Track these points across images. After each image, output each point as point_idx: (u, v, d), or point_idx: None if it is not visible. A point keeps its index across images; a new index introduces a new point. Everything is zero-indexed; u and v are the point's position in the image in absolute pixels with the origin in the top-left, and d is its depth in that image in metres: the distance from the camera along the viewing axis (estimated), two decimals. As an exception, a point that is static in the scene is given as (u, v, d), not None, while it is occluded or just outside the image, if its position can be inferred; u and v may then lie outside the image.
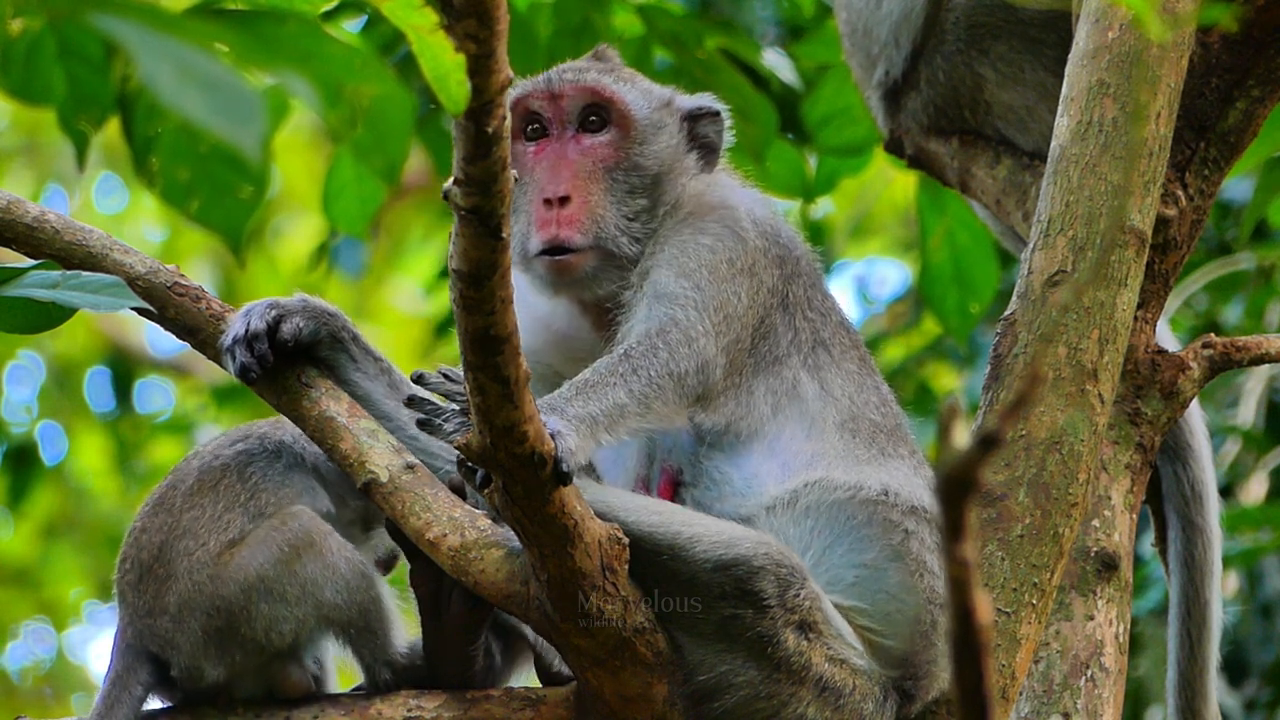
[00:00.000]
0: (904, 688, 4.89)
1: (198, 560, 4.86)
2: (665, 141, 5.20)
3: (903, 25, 6.55)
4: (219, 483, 4.96)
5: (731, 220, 5.12)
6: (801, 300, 5.14)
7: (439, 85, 3.64)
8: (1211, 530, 5.97)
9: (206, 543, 4.89)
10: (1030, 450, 5.16)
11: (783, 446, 5.00)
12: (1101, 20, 5.44)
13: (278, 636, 4.83)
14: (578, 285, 5.09)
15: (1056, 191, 5.33)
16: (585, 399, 4.75)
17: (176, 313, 5.00)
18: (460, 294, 4.41)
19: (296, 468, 4.99)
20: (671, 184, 5.18)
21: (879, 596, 4.90)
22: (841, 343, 5.14)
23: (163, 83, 2.81)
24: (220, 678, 4.84)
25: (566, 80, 5.15)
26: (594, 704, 4.83)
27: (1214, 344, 5.72)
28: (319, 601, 4.85)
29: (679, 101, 5.29)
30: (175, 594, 4.86)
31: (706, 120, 5.28)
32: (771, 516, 4.93)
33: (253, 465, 4.98)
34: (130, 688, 4.84)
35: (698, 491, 4.99)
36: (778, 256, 5.13)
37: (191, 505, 4.95)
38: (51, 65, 4.50)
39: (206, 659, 4.83)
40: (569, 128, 5.15)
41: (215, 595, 4.84)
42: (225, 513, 4.93)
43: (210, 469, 4.97)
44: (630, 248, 5.10)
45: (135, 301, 4.46)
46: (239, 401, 11.84)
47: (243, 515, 4.91)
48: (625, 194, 5.13)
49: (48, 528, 14.05)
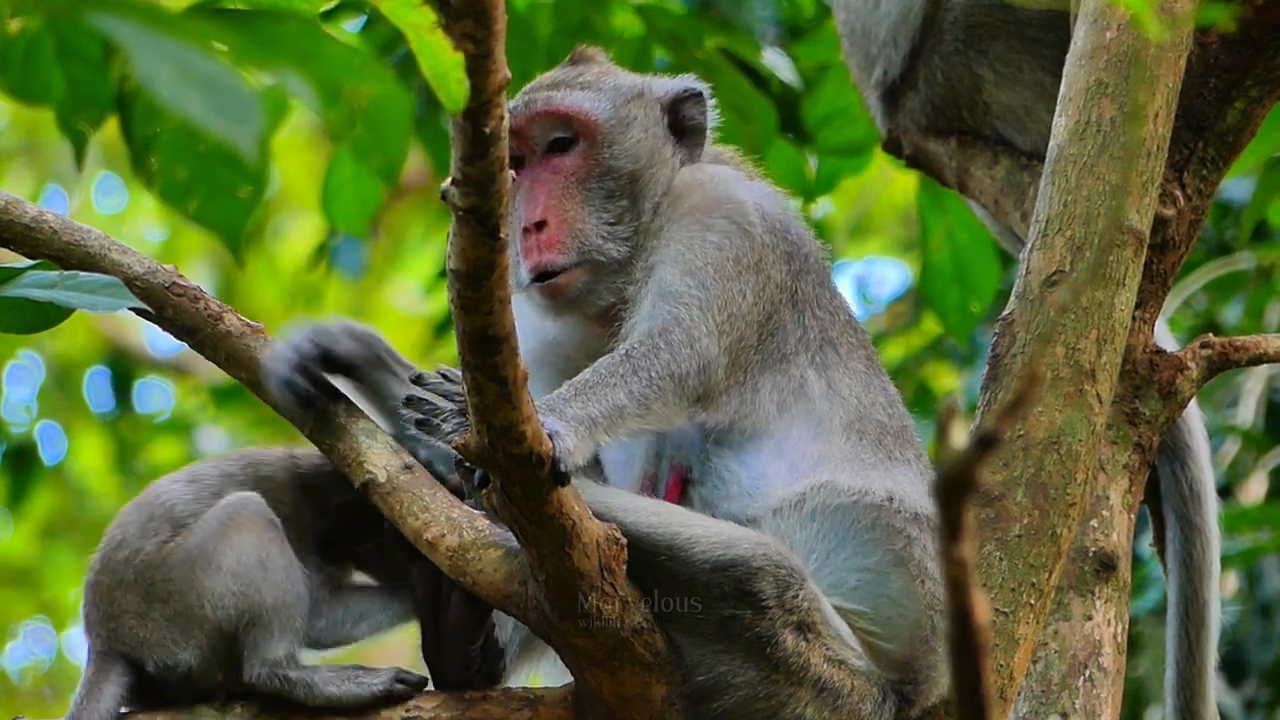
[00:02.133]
0: (903, 692, 4.89)
1: (142, 558, 4.88)
2: (636, 136, 5.18)
3: (901, 25, 6.55)
4: (148, 502, 4.98)
5: (739, 216, 5.09)
6: (810, 297, 5.12)
7: (438, 84, 3.64)
8: (1210, 530, 5.96)
9: (143, 546, 4.90)
10: (1028, 450, 5.16)
11: (790, 447, 4.99)
12: (1100, 20, 5.44)
13: (222, 612, 4.82)
14: (576, 303, 5.09)
15: (1054, 191, 5.33)
16: (584, 400, 4.74)
17: (175, 313, 5.01)
18: (458, 294, 4.41)
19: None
20: (653, 177, 5.16)
21: (880, 601, 4.90)
22: (849, 341, 5.13)
23: (160, 82, 2.81)
24: (193, 661, 4.83)
25: (521, 112, 5.15)
26: (592, 704, 4.83)
27: (1212, 344, 5.72)
28: (248, 578, 4.83)
29: (655, 89, 5.26)
30: (132, 594, 4.87)
31: (689, 103, 5.27)
32: (778, 519, 4.92)
33: (178, 488, 5.00)
34: (103, 685, 4.84)
35: (705, 490, 4.98)
36: (786, 253, 5.11)
37: (120, 524, 4.97)
38: (50, 65, 4.49)
39: (175, 644, 4.84)
40: (538, 152, 5.16)
41: (165, 580, 4.85)
42: (148, 521, 4.93)
43: (146, 495, 5.00)
44: (618, 251, 5.10)
45: (133, 302, 4.46)
46: (238, 402, 11.85)
47: (167, 523, 4.92)
48: (603, 200, 5.13)
49: (47, 528, 14.06)
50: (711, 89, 5.33)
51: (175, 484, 5.00)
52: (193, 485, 4.98)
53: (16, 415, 12.85)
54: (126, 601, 4.88)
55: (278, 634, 4.83)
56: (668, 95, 5.25)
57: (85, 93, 4.52)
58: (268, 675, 4.81)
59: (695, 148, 5.26)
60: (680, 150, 5.24)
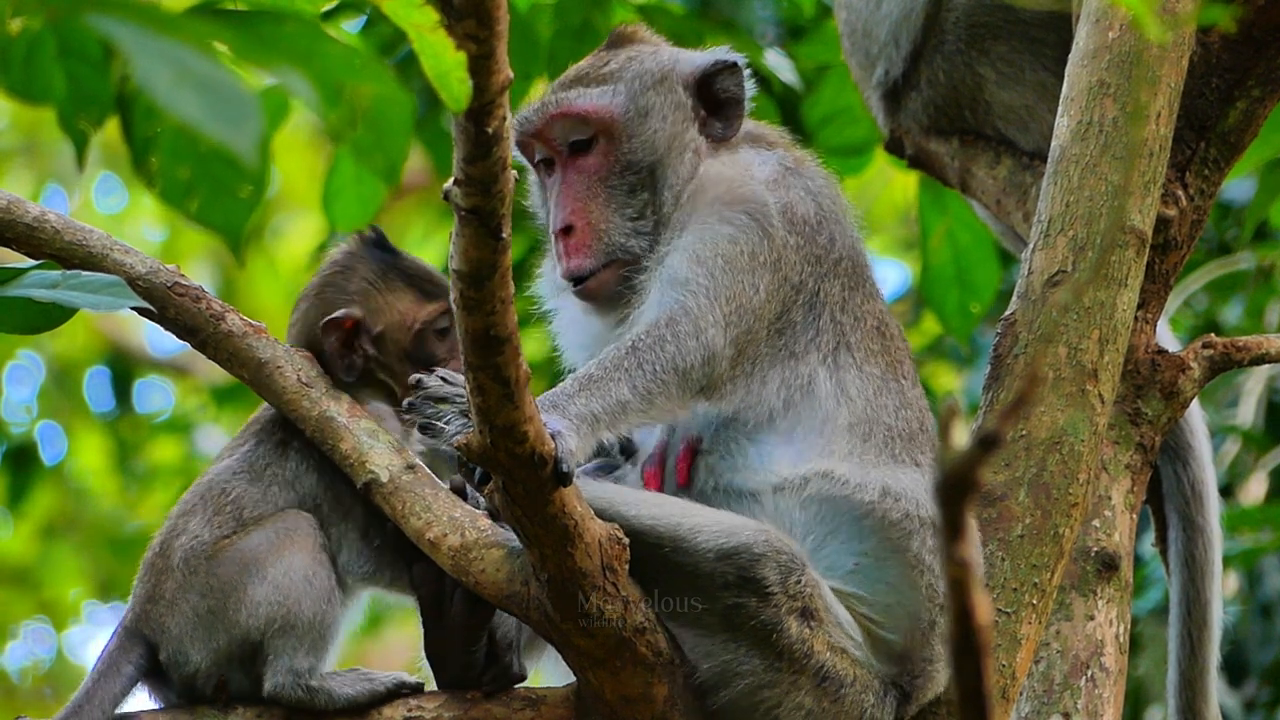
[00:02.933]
0: (901, 685, 4.89)
1: (194, 549, 4.90)
2: (655, 126, 5.17)
3: (902, 25, 6.55)
4: (216, 494, 5.00)
5: (760, 214, 5.06)
6: (835, 300, 5.08)
7: (440, 84, 3.64)
8: (1212, 530, 5.96)
9: (201, 535, 4.92)
10: (1030, 450, 5.16)
11: (799, 439, 4.98)
12: (1102, 20, 5.44)
13: (254, 620, 4.85)
14: (612, 300, 5.11)
15: (1057, 191, 5.33)
16: (588, 395, 4.75)
17: (177, 313, 5.01)
18: (460, 294, 4.42)
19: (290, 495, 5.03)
20: (674, 165, 5.15)
21: (878, 586, 4.90)
22: (869, 348, 5.07)
23: (158, 84, 2.81)
24: (203, 664, 4.86)
25: (539, 116, 5.16)
26: (594, 704, 4.83)
27: (1214, 344, 5.72)
28: (291, 589, 4.87)
29: (681, 68, 5.22)
30: (172, 580, 4.91)
31: (722, 75, 5.22)
32: (778, 496, 4.92)
33: (242, 483, 5.02)
34: (121, 664, 4.88)
35: (714, 459, 4.98)
36: (813, 255, 5.08)
37: (184, 511, 5.00)
38: (51, 65, 4.49)
39: (192, 643, 4.87)
40: (563, 153, 5.17)
41: (210, 575, 4.88)
42: (216, 515, 4.96)
43: (213, 484, 5.02)
44: (642, 247, 5.11)
45: (135, 301, 4.45)
46: (238, 401, 11.84)
47: (234, 520, 4.95)
48: (625, 196, 5.13)
49: (47, 528, 14.04)
50: (747, 60, 5.28)
51: (238, 478, 5.01)
52: (257, 485, 5.00)
53: (17, 415, 12.86)
54: (166, 587, 4.91)
55: (308, 647, 4.87)
56: (695, 72, 5.20)
57: (86, 92, 4.52)
58: (291, 685, 4.84)
59: (734, 119, 5.22)
60: (715, 125, 5.21)
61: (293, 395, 4.99)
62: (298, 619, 4.86)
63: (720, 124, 5.22)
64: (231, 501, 4.98)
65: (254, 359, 5.00)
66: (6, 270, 4.40)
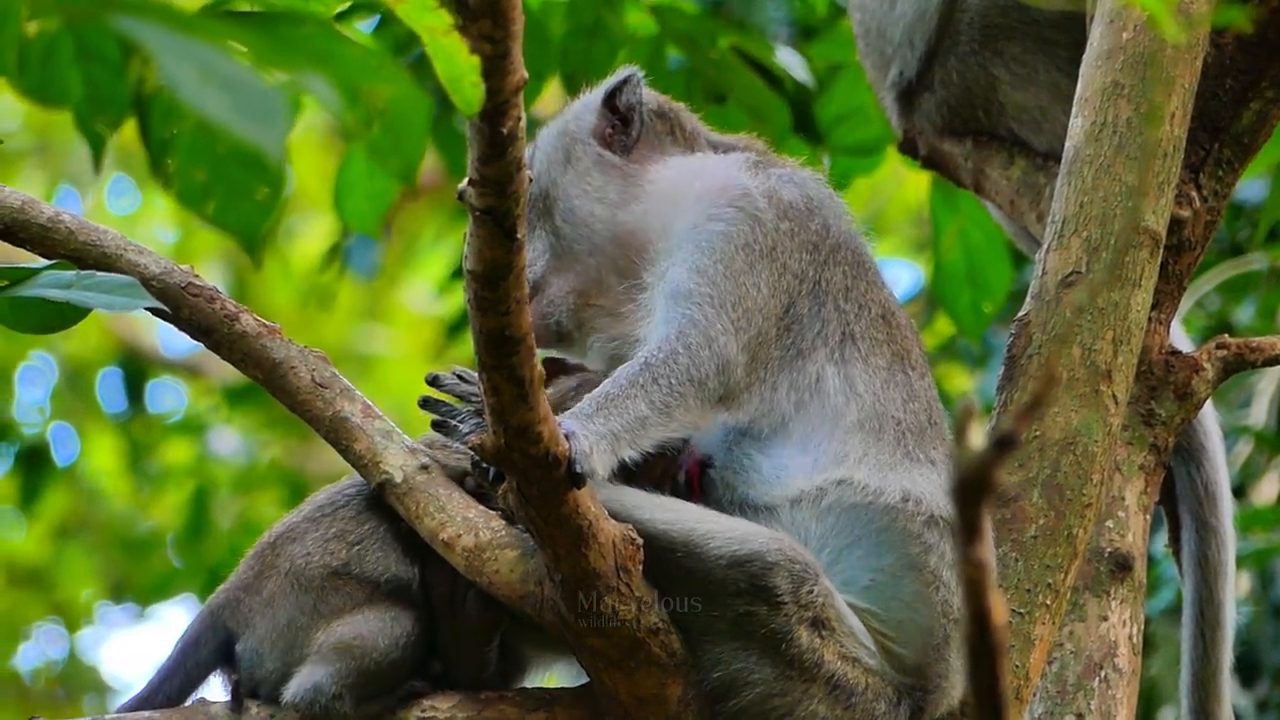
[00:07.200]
0: (913, 699, 4.87)
1: (304, 566, 4.90)
2: (571, 179, 5.25)
3: (917, 26, 6.55)
4: (340, 510, 4.99)
5: (744, 202, 5.05)
6: (837, 288, 5.06)
7: (453, 87, 3.63)
8: (1225, 531, 5.96)
9: (312, 555, 4.92)
10: (1044, 451, 5.16)
11: (813, 444, 4.96)
12: (1116, 21, 5.44)
13: (326, 645, 4.84)
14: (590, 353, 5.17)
15: (1071, 192, 5.33)
16: (606, 414, 4.72)
17: (191, 313, 5.01)
18: (475, 295, 4.42)
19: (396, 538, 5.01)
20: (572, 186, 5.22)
21: (893, 603, 4.88)
22: (874, 336, 5.04)
23: (185, 84, 2.81)
24: (274, 672, 4.85)
25: None
26: (608, 705, 4.83)
27: (1228, 345, 5.71)
28: (376, 625, 4.87)
29: (569, 115, 5.34)
30: (276, 582, 4.90)
31: (623, 92, 5.30)
32: (795, 509, 4.90)
33: (371, 511, 5.00)
34: (200, 649, 4.89)
35: (728, 474, 4.96)
36: (808, 242, 5.06)
37: (313, 519, 4.98)
38: (69, 66, 4.50)
39: (272, 649, 4.86)
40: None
41: (321, 601, 4.88)
42: (331, 540, 4.95)
43: (340, 496, 5.01)
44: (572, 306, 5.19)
45: (150, 302, 4.46)
46: (251, 402, 11.86)
47: (347, 550, 4.93)
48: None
49: (60, 529, 14.07)
50: (645, 73, 5.36)
51: (356, 503, 4.99)
52: (370, 520, 4.97)
53: (29, 416, 12.88)
54: (267, 584, 4.90)
55: (357, 681, 4.83)
56: (586, 124, 5.31)
57: (104, 94, 4.53)
58: (310, 700, 4.82)
59: (635, 123, 5.26)
60: (622, 139, 5.26)
61: (306, 396, 4.99)
62: (369, 651, 4.82)
63: (624, 136, 5.27)
64: (356, 539, 4.95)
65: (268, 359, 5.01)
66: (21, 270, 4.41)
